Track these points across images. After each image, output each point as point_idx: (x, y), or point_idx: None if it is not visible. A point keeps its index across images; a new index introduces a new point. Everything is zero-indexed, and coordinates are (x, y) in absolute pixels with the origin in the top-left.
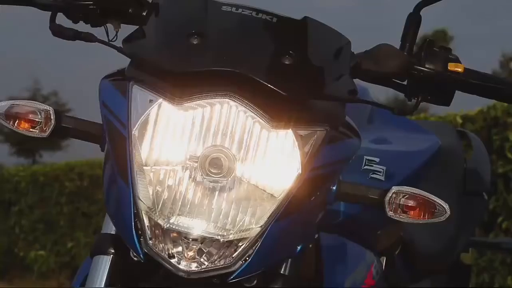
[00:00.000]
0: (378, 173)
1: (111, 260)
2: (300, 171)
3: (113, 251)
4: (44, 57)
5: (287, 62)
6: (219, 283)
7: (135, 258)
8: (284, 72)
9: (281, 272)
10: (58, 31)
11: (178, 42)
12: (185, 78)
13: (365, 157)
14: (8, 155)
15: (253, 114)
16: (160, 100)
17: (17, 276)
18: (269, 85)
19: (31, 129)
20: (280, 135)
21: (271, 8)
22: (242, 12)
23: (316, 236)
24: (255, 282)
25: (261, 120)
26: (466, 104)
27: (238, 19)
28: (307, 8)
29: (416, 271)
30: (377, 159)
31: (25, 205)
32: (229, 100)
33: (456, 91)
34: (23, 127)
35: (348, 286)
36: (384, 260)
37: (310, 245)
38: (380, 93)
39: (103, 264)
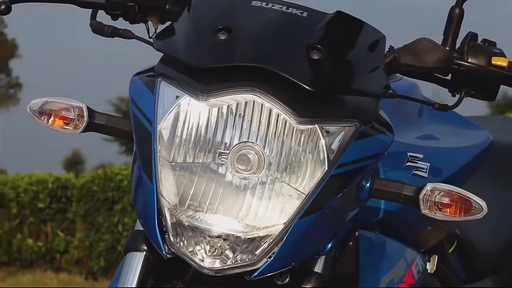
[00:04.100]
0: (421, 170)
1: (144, 257)
2: (326, 167)
3: (145, 248)
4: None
5: (315, 57)
6: (249, 281)
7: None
8: (311, 67)
9: (314, 269)
10: (97, 28)
11: (206, 38)
12: (211, 74)
13: (408, 153)
14: (118, 154)
15: (279, 110)
16: (186, 96)
17: None
18: (295, 80)
19: (64, 126)
20: (307, 131)
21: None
22: (272, 7)
23: (357, 234)
24: (287, 279)
25: (287, 116)
26: None
27: (267, 14)
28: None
29: (474, 271)
30: (421, 156)
31: (128, 203)
32: (256, 96)
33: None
34: (57, 124)
35: (385, 284)
36: (435, 258)
37: (351, 243)
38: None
39: (136, 261)
